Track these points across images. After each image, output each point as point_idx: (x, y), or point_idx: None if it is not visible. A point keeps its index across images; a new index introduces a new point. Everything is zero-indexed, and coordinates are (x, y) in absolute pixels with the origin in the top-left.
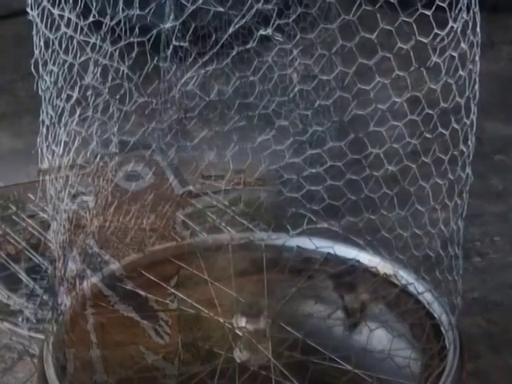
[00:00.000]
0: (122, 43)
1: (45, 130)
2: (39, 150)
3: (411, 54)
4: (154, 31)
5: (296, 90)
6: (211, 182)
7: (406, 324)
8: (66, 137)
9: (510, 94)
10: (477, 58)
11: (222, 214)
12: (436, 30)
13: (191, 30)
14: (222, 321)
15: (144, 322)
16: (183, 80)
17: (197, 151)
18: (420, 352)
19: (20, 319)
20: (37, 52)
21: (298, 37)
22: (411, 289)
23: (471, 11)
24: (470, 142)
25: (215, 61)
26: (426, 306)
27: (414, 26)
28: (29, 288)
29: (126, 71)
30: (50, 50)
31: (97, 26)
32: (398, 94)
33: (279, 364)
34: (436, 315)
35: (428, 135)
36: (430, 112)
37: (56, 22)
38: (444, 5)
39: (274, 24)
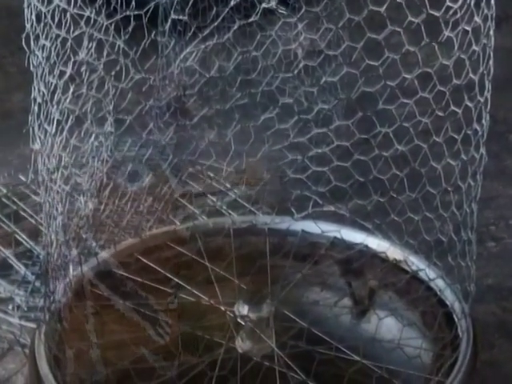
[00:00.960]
0: (118, 16)
1: (36, 107)
2: (31, 129)
3: (422, 28)
4: (152, 4)
5: (301, 65)
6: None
7: (417, 312)
8: (58, 115)
9: None
10: (491, 32)
11: (223, 196)
12: (448, 3)
13: (191, 3)
14: (223, 309)
15: (141, 310)
16: (182, 55)
17: (196, 130)
18: (431, 341)
19: (10, 307)
20: (28, 26)
21: (303, 10)
22: (422, 275)
23: None
24: (484, 121)
25: (216, 35)
26: (438, 293)
27: None
28: (20, 274)
29: (122, 46)
30: (42, 24)
31: None
32: (408, 70)
33: (283, 354)
34: (448, 303)
35: (440, 113)
36: (442, 89)
37: None
38: None
39: None
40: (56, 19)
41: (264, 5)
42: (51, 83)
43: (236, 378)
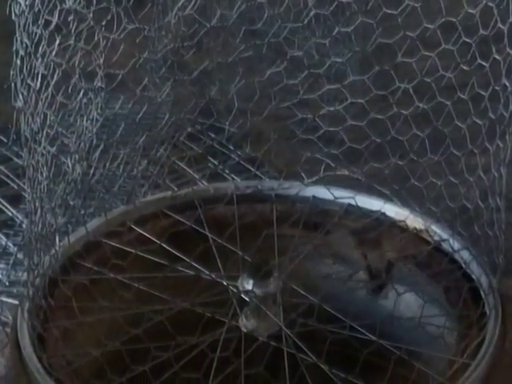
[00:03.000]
0: None
1: (19, 61)
2: (12, 85)
3: None
4: None
5: (311, 14)
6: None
7: (440, 287)
8: (43, 69)
9: None
10: None
11: (225, 159)
12: None
13: None
14: (225, 284)
15: (134, 285)
16: (180, 3)
17: (196, 86)
18: (456, 319)
19: None
20: None
21: None
22: (445, 246)
23: None
24: None
25: None
26: (463, 265)
27: None
28: (0, 245)
29: None
30: None
31: None
32: (430, 19)
33: (292, 333)
34: (474, 277)
35: (465, 67)
36: (468, 40)
37: None
38: None
39: None
40: None
41: None
42: (35, 34)
43: (240, 360)
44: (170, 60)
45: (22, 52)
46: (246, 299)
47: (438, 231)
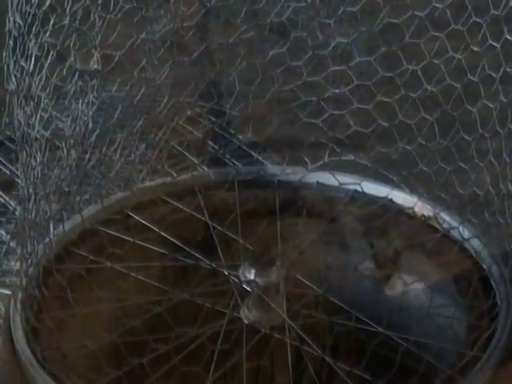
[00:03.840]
0: None
1: (12, 42)
2: (5, 67)
3: None
4: None
5: None
6: None
7: (449, 276)
8: (37, 50)
9: None
10: None
11: (226, 143)
12: None
13: None
14: (226, 273)
15: (132, 274)
16: None
17: (196, 67)
18: (465, 310)
19: None
20: None
21: None
22: (455, 234)
23: None
24: None
25: None
26: (473, 254)
27: None
28: None
29: None
30: None
31: None
32: None
33: (295, 325)
34: (485, 266)
35: (475, 48)
36: (478, 20)
37: None
38: None
39: None
40: None
41: None
42: (29, 14)
43: (241, 352)
44: (169, 41)
45: (14, 32)
46: (248, 289)
47: (447, 218)
